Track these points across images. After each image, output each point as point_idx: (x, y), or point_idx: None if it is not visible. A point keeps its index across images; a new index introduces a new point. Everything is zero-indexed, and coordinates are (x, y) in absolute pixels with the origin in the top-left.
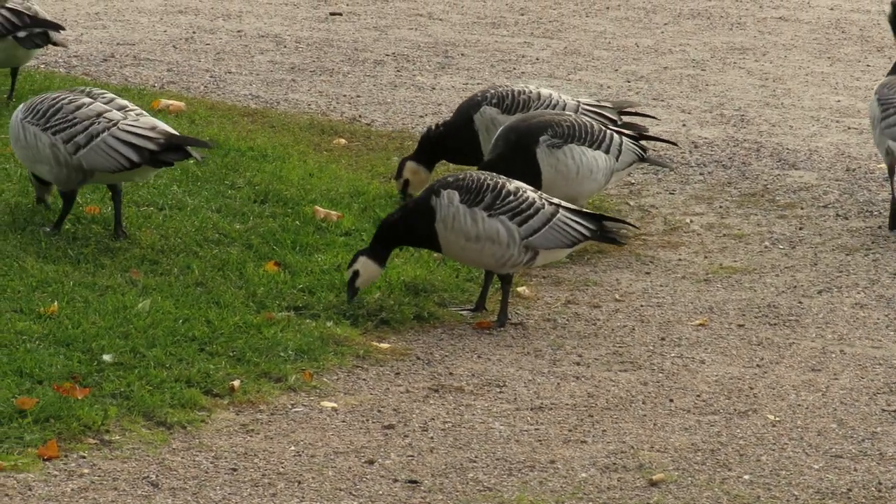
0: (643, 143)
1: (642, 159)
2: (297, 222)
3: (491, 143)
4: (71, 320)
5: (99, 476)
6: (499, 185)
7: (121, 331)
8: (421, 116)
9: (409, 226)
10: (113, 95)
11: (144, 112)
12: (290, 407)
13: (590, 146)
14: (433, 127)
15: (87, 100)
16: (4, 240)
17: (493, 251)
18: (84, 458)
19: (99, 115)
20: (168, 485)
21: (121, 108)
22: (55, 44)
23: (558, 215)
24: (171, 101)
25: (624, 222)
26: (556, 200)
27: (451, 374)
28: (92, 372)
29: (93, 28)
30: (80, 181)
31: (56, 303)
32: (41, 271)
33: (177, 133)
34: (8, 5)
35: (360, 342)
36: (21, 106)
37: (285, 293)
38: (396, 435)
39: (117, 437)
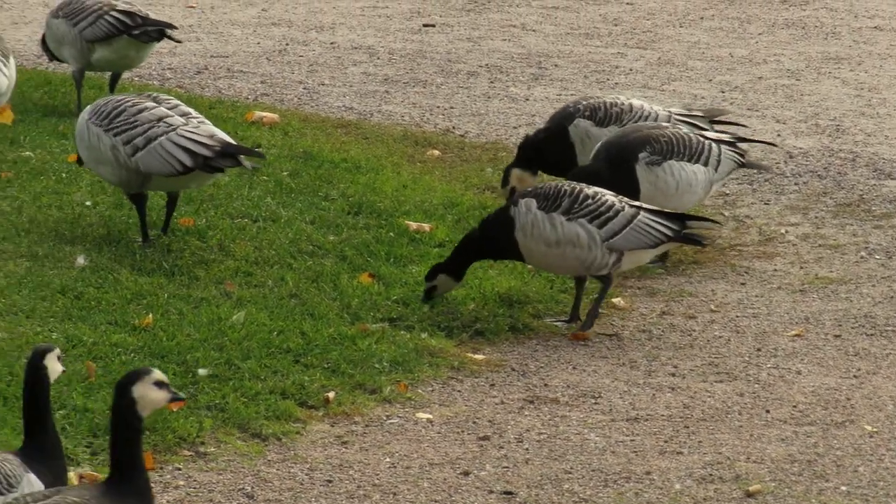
0: (742, 146)
1: (741, 165)
2: (391, 234)
3: (587, 155)
4: (165, 332)
5: (194, 488)
6: (576, 191)
7: (215, 343)
8: (514, 128)
9: (490, 238)
10: (178, 102)
11: (206, 120)
12: (384, 418)
13: (689, 160)
14: (533, 133)
15: (150, 104)
16: (99, 252)
17: (575, 255)
18: (179, 469)
19: (160, 119)
20: (263, 496)
21: (183, 115)
22: (171, 38)
23: (639, 216)
24: (264, 114)
25: (705, 219)
26: (636, 203)
27: (546, 385)
28: (187, 384)
29: (186, 40)
30: (140, 184)
31: (151, 315)
32: (136, 284)
33: (233, 142)
34: (119, 7)
35: (454, 353)
36: (88, 107)
37: (379, 304)
38: (491, 446)
39: (212, 449)
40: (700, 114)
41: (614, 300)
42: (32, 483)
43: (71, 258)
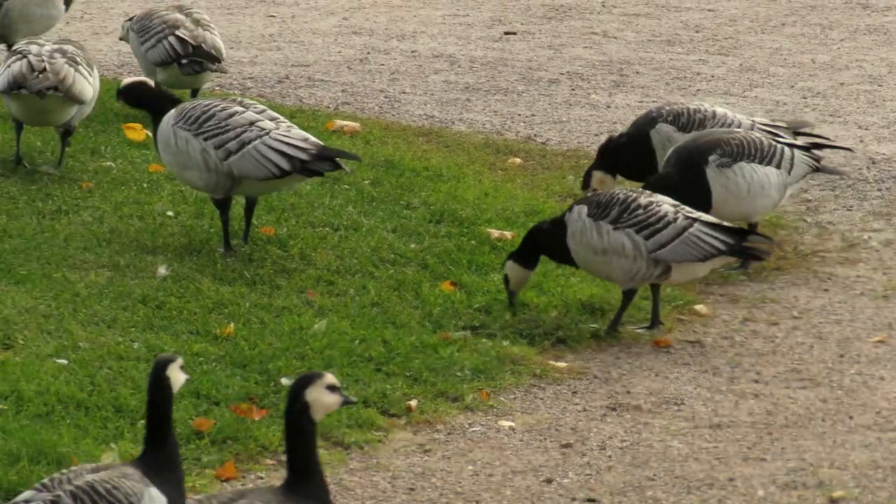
0: (817, 152)
1: (816, 169)
2: (473, 242)
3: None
4: (247, 341)
5: None
6: (629, 199)
7: (297, 352)
8: (596, 135)
9: (546, 241)
10: (264, 107)
11: (295, 125)
12: (467, 426)
13: (760, 163)
14: (615, 136)
15: (239, 108)
16: (181, 262)
17: (620, 264)
18: (261, 478)
19: (252, 123)
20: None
21: (272, 119)
22: (214, 70)
23: (691, 229)
24: (345, 122)
25: (766, 237)
26: (695, 214)
27: (628, 392)
28: (269, 393)
29: (267, 50)
30: (229, 188)
31: (232, 324)
32: (217, 293)
33: (327, 146)
34: (178, 33)
35: (537, 361)
36: (172, 111)
37: (461, 313)
38: (574, 453)
39: None
40: (783, 125)
41: (697, 307)
42: (153, 497)
43: (152, 268)
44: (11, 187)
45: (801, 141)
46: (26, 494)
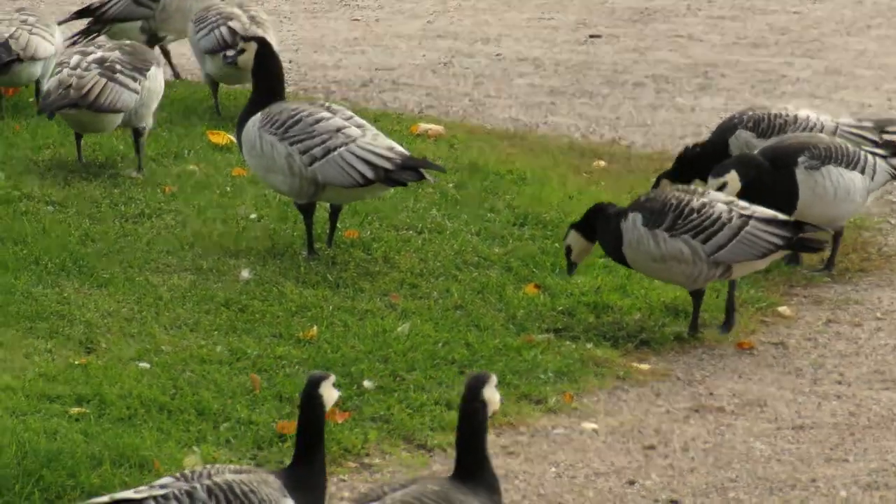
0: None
1: (895, 177)
2: (557, 245)
3: None
4: (330, 344)
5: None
6: (682, 204)
7: (380, 355)
8: (681, 138)
9: (605, 245)
10: (351, 113)
11: (381, 133)
12: (550, 429)
13: (846, 167)
14: (690, 146)
15: (326, 114)
16: (264, 266)
17: (681, 270)
18: (345, 481)
19: (338, 129)
20: None
21: (359, 126)
22: None
23: (747, 227)
24: (429, 126)
25: (817, 232)
26: (748, 210)
27: (711, 394)
28: (352, 396)
29: (351, 53)
30: (312, 194)
31: (315, 327)
32: (300, 296)
33: (412, 156)
34: (230, 24)
35: (620, 363)
36: (258, 114)
37: (545, 315)
38: (657, 455)
39: (377, 461)
40: (869, 124)
41: (780, 308)
42: None
43: (235, 271)
44: (94, 191)
45: (878, 148)
46: (164, 480)
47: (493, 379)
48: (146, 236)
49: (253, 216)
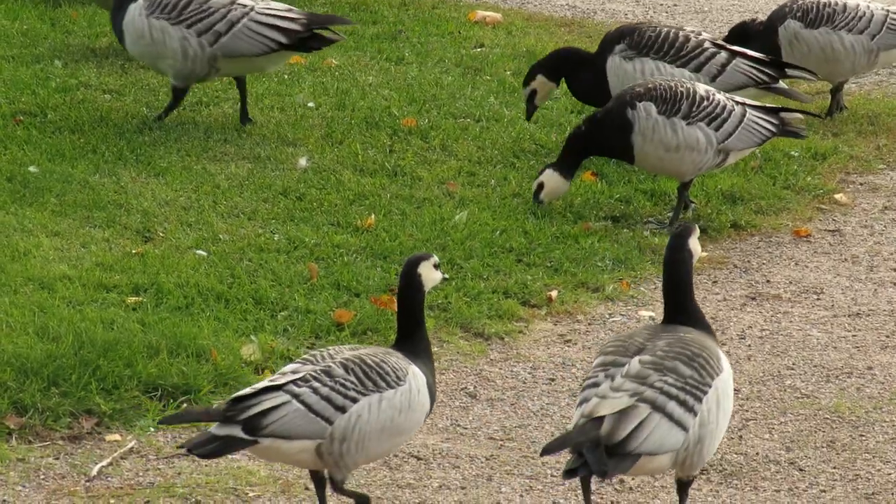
0: None
1: None
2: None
3: (794, 57)
4: (388, 233)
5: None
6: (691, 92)
7: (438, 243)
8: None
9: (602, 137)
10: None
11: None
12: (607, 316)
13: (842, 30)
14: (747, 22)
15: None
16: (321, 154)
17: (692, 158)
18: None
19: (232, 2)
20: (486, 395)
21: None
22: None
23: (748, 115)
24: (487, 13)
25: (804, 112)
26: (739, 99)
27: (768, 281)
28: None
29: None
30: (205, 75)
31: (373, 216)
32: (358, 184)
33: (316, 13)
34: None
35: None
36: (139, 1)
37: (602, 203)
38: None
39: (435, 349)
40: None
41: (836, 196)
42: (416, 374)
43: (293, 160)
44: (151, 79)
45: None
46: (291, 367)
47: (697, 230)
48: (204, 124)
49: (310, 104)
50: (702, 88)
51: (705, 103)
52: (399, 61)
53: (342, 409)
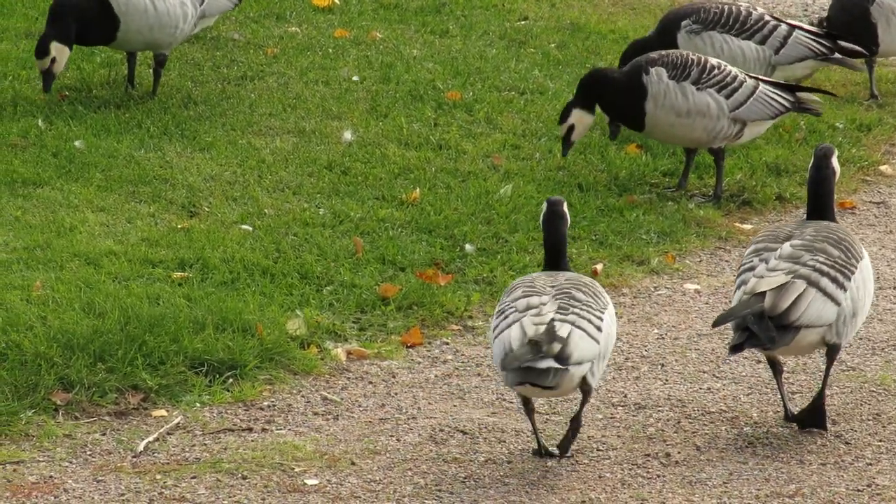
0: None
1: None
2: None
3: (891, 34)
4: (433, 207)
5: (462, 362)
6: (702, 60)
7: (483, 216)
8: (790, 5)
9: (614, 101)
10: None
11: None
12: (652, 290)
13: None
14: (819, 21)
15: None
16: (366, 128)
17: (703, 125)
18: (447, 344)
19: None
20: None
21: None
22: None
23: (760, 88)
24: None
25: (818, 91)
26: (753, 75)
27: None
28: (454, 258)
29: None
30: (186, 36)
31: (418, 189)
32: (403, 158)
33: None
34: None
35: (722, 224)
36: None
37: (647, 175)
38: None
39: (480, 323)
40: None
41: (881, 167)
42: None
43: (338, 133)
44: (196, 53)
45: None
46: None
47: (835, 151)
48: (248, 99)
49: (355, 78)
50: (714, 60)
51: (716, 71)
52: (443, 34)
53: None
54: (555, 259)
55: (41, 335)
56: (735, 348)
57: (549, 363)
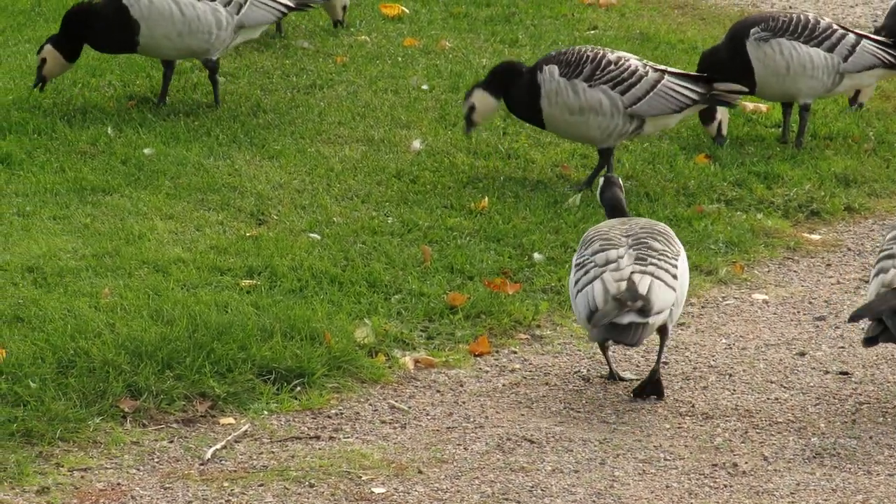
0: None
1: None
2: (731, 115)
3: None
4: (501, 216)
5: (530, 371)
6: (598, 56)
7: (551, 226)
8: (851, 6)
9: (515, 100)
10: None
11: None
12: (720, 299)
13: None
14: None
15: None
16: (435, 136)
17: (597, 122)
18: (515, 353)
19: None
20: (599, 379)
21: None
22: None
23: (663, 81)
24: None
25: (735, 87)
26: (662, 67)
27: None
28: (523, 267)
29: None
30: (226, 45)
31: (486, 198)
32: (471, 167)
33: None
34: None
35: (790, 234)
36: None
37: (716, 185)
38: (827, 326)
39: (548, 332)
40: None
41: None
42: None
43: (407, 142)
44: (265, 62)
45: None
46: (605, 254)
47: None
48: (317, 107)
49: (424, 86)
50: (614, 55)
51: (611, 67)
52: (512, 44)
53: None
54: (616, 216)
55: (109, 342)
56: (869, 341)
57: (632, 318)
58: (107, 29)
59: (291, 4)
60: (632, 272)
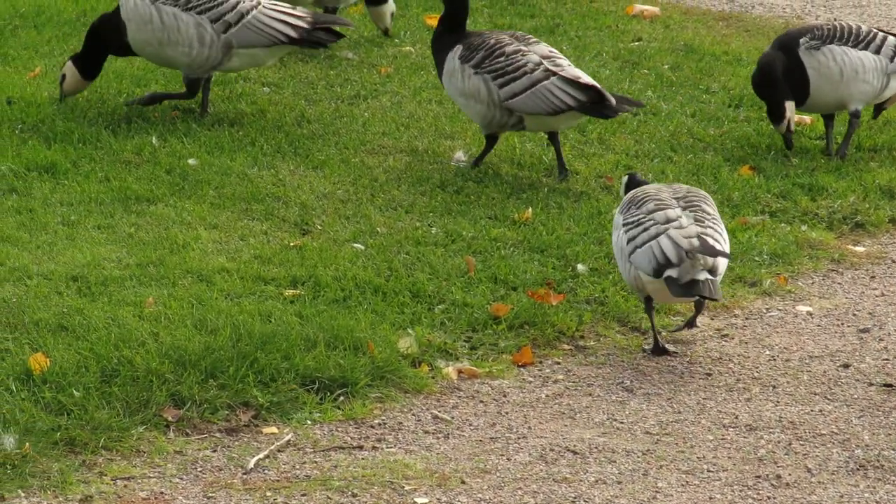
0: None
1: None
2: (771, 126)
3: None
4: (545, 226)
5: (574, 381)
6: (496, 46)
7: (595, 237)
8: (887, 18)
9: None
10: None
11: None
12: (764, 311)
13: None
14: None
15: None
16: (479, 147)
17: (477, 110)
18: (559, 363)
19: None
20: (642, 390)
21: None
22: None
23: (546, 82)
24: (645, 7)
25: (625, 98)
26: (557, 69)
27: None
28: (566, 278)
29: None
30: (216, 65)
31: (530, 209)
32: (515, 178)
33: (319, 13)
34: None
35: (835, 246)
36: None
37: (760, 197)
38: (872, 338)
39: (592, 343)
40: None
41: None
42: None
43: (450, 153)
44: (310, 72)
45: None
46: (658, 227)
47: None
48: (361, 118)
49: None
50: (513, 47)
51: (501, 59)
52: None
53: None
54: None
55: (153, 351)
56: None
57: (706, 275)
58: (113, 30)
59: (295, 36)
60: (699, 231)
